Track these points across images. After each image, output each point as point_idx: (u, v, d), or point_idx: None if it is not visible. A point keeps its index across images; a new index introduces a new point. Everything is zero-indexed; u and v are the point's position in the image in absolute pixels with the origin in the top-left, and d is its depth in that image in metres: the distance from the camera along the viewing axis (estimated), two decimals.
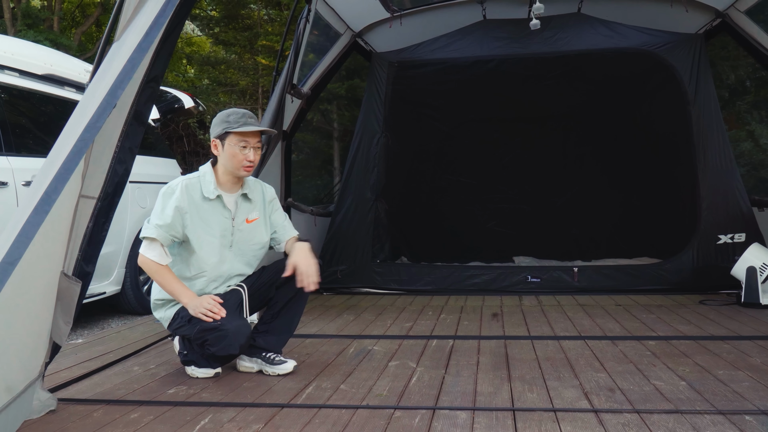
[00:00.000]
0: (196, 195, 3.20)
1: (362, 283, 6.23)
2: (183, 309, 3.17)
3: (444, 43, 6.38)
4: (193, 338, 3.15)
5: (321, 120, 13.01)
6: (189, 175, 3.28)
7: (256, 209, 3.39)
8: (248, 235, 3.35)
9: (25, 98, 5.19)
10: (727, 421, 2.43)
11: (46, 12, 15.01)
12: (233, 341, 3.06)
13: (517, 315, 4.85)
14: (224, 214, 3.26)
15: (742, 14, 5.79)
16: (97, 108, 2.14)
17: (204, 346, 3.13)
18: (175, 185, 3.18)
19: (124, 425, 2.52)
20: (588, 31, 6.12)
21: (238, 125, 3.18)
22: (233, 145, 3.18)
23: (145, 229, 3.11)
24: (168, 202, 3.12)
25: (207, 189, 3.21)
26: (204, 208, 3.21)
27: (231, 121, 3.19)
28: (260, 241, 3.40)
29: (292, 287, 3.29)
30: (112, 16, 2.90)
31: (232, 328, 3.06)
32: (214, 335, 3.06)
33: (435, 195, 7.77)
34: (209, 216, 3.22)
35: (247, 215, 3.34)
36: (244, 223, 3.32)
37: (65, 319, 2.66)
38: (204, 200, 3.21)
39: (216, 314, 3.03)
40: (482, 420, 2.50)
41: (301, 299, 3.35)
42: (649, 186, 7.11)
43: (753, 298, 4.94)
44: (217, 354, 3.11)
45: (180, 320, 3.19)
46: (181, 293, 3.10)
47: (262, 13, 15.45)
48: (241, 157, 3.19)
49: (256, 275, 3.41)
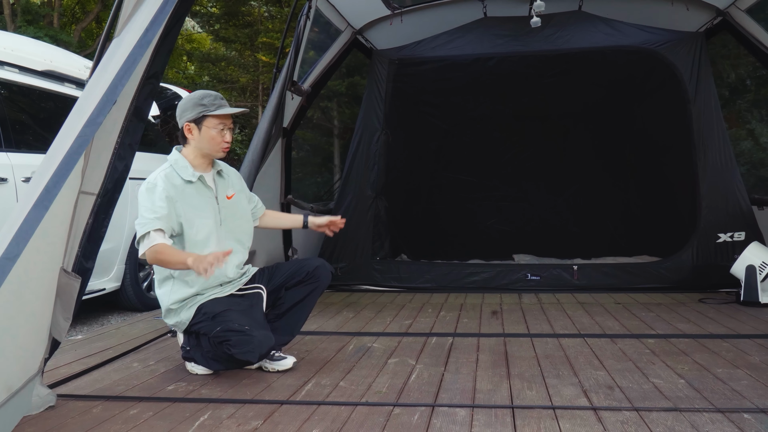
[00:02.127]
0: (177, 182, 3.15)
1: (362, 281, 6.23)
2: (206, 305, 3.16)
3: (444, 40, 6.36)
4: (214, 335, 3.07)
5: (321, 117, 13.02)
6: (160, 168, 3.19)
7: (230, 186, 3.39)
8: (233, 210, 3.34)
9: (24, 94, 5.18)
10: (725, 419, 2.43)
11: (45, 8, 15.01)
12: (255, 348, 3.02)
13: (517, 313, 4.85)
14: (208, 194, 3.25)
15: (742, 13, 5.79)
16: (97, 104, 2.14)
17: (223, 345, 3.05)
18: (153, 180, 3.11)
19: (123, 421, 2.53)
20: (589, 29, 6.11)
21: (215, 107, 3.18)
22: (211, 128, 3.18)
23: (142, 227, 3.01)
24: (155, 195, 3.06)
25: (185, 173, 3.17)
26: (189, 193, 3.17)
27: (207, 104, 3.18)
28: (245, 215, 3.43)
29: (301, 291, 3.31)
30: (112, 13, 2.90)
31: (258, 336, 3.03)
32: (238, 337, 3.01)
33: (435, 192, 7.78)
34: (196, 199, 3.19)
35: (226, 192, 3.34)
36: (225, 200, 3.32)
37: (65, 315, 2.66)
38: (186, 184, 3.16)
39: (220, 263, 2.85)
40: (481, 417, 2.50)
41: (308, 304, 3.37)
42: (649, 184, 7.11)
43: (752, 296, 4.94)
44: (236, 357, 3.05)
45: (202, 316, 3.15)
46: (185, 257, 2.93)
47: (262, 10, 15.44)
48: (220, 138, 3.19)
49: (267, 274, 3.41)
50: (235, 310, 3.17)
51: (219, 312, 3.12)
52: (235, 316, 3.11)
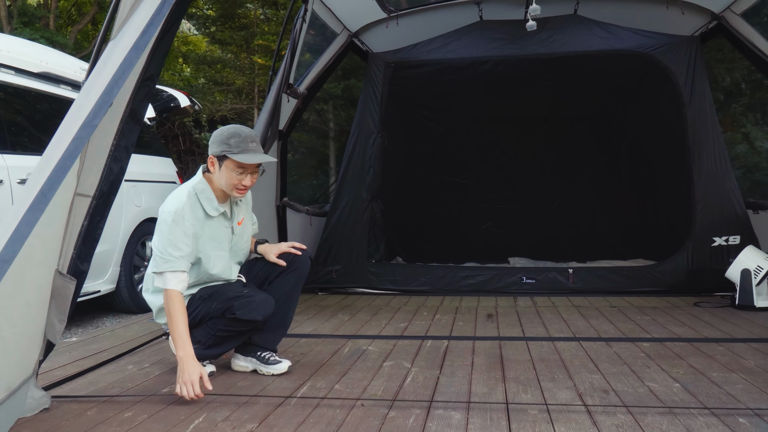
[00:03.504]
0: (200, 214, 3.12)
1: (357, 283, 6.22)
2: (200, 290, 3.18)
3: (440, 43, 6.37)
4: (215, 309, 3.09)
5: (317, 120, 13.01)
6: (186, 191, 3.11)
7: (242, 210, 3.41)
8: (240, 236, 3.37)
9: (20, 96, 5.18)
10: (720, 423, 2.43)
11: (42, 10, 14.98)
12: (259, 306, 3.06)
13: (512, 316, 4.86)
14: (226, 225, 3.26)
15: (738, 17, 5.81)
16: (93, 106, 2.14)
17: (227, 312, 3.06)
18: (181, 210, 3.03)
19: (118, 424, 2.52)
20: (584, 32, 6.12)
21: (239, 151, 3.06)
22: (230, 170, 3.09)
23: (165, 263, 2.96)
24: (181, 231, 3.01)
25: (209, 207, 3.15)
26: (210, 225, 3.17)
27: (232, 145, 3.05)
28: (247, 237, 3.45)
29: (285, 282, 3.31)
30: (108, 15, 2.89)
31: (259, 296, 3.10)
32: (240, 301, 3.06)
33: (430, 195, 7.79)
34: (216, 232, 3.20)
35: (238, 218, 3.36)
36: (237, 226, 3.34)
37: (59, 318, 2.65)
38: (207, 218, 3.16)
39: (194, 396, 2.78)
40: (476, 420, 2.50)
41: (294, 294, 3.36)
42: (644, 188, 7.13)
43: (747, 300, 4.95)
44: (241, 317, 3.04)
45: (198, 300, 3.15)
46: (183, 344, 2.88)
47: (258, 13, 15.43)
48: (237, 181, 3.11)
49: (244, 269, 3.43)
50: (229, 285, 3.25)
51: (214, 290, 3.17)
52: (230, 287, 3.20)
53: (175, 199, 3.08)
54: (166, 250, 2.98)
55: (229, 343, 3.23)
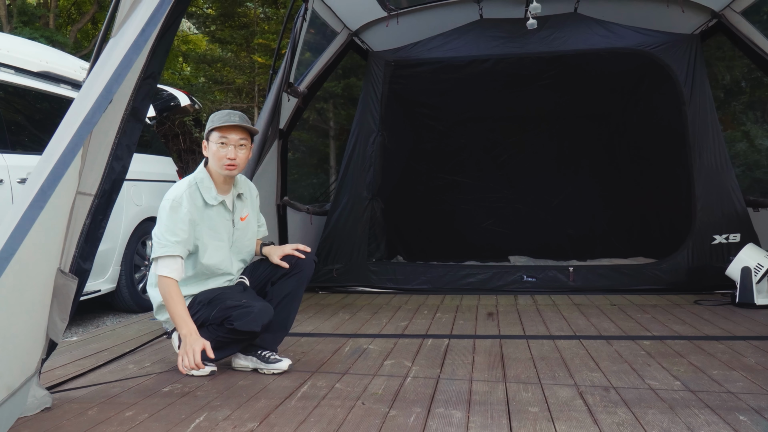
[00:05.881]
0: (199, 203, 3.19)
1: (358, 282, 6.23)
2: (200, 294, 3.21)
3: (440, 42, 6.37)
4: (214, 317, 3.12)
5: (317, 119, 13.01)
6: (187, 181, 3.23)
7: (247, 206, 3.43)
8: (243, 232, 3.39)
9: (20, 95, 5.17)
10: (721, 420, 2.43)
11: (41, 9, 14.97)
12: (257, 317, 3.06)
13: (513, 314, 4.86)
14: (226, 217, 3.30)
15: (738, 15, 5.81)
16: (93, 104, 2.14)
17: (225, 323, 3.09)
18: (179, 197, 3.13)
19: (119, 423, 2.52)
20: (584, 31, 6.12)
21: (221, 123, 3.20)
22: (214, 143, 3.21)
23: (161, 248, 3.05)
24: (178, 217, 3.09)
25: (208, 195, 3.21)
26: (209, 215, 3.22)
27: (215, 120, 3.22)
28: (252, 235, 3.47)
29: (287, 284, 3.32)
30: (108, 14, 2.89)
31: (257, 305, 3.10)
32: (238, 311, 3.07)
33: (431, 194, 7.79)
34: (215, 222, 3.25)
35: (241, 213, 3.38)
36: (239, 221, 3.35)
37: (61, 316, 2.65)
38: (207, 206, 3.21)
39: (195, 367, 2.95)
40: (477, 419, 2.50)
41: (296, 296, 3.37)
42: (645, 186, 7.13)
43: (747, 298, 4.95)
44: (239, 329, 3.07)
45: (198, 305, 3.18)
46: (184, 322, 3.00)
47: (258, 12, 15.41)
48: (222, 154, 3.19)
49: (249, 270, 3.45)
50: (229, 291, 3.26)
51: (214, 296, 3.19)
52: (230, 294, 3.21)
53: (176, 188, 3.20)
54: (164, 236, 3.07)
55: (230, 348, 3.23)
